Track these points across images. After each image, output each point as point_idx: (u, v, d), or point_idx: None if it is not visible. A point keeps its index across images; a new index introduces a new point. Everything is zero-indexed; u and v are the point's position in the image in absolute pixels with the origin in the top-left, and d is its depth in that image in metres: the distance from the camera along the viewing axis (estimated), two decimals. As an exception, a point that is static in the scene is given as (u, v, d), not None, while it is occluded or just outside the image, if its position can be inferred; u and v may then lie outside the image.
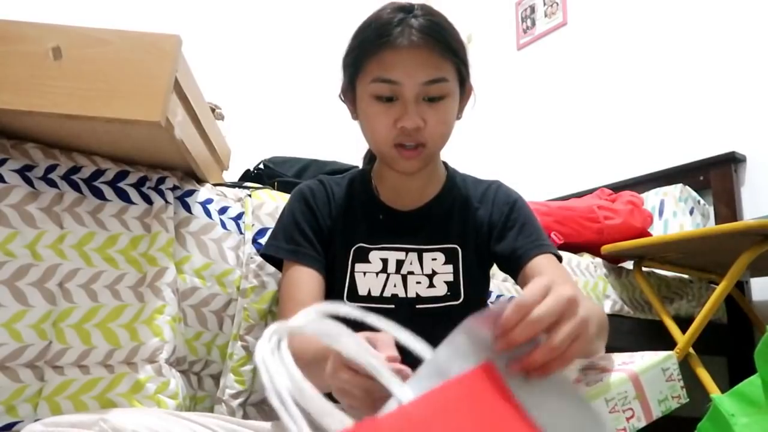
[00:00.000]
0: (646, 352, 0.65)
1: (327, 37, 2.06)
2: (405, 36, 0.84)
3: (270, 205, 1.10)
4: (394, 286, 0.92)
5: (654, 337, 1.54)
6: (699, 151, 2.01)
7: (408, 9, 0.87)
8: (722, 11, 2.07)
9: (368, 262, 0.92)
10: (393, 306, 0.91)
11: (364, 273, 0.91)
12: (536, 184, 2.45)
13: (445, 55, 0.86)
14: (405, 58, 0.84)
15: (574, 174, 2.44)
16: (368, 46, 0.87)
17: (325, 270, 0.93)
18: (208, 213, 1.02)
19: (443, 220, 0.96)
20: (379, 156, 0.97)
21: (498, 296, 1.25)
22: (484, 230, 0.97)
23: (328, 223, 0.96)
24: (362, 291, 0.91)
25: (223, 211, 1.05)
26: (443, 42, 0.86)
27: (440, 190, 0.98)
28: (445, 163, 1.03)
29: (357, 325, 0.47)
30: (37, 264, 0.84)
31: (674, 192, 1.96)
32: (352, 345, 0.45)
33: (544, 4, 2.80)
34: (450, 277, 0.92)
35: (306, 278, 0.90)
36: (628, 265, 1.66)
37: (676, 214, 1.92)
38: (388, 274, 0.92)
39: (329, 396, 0.48)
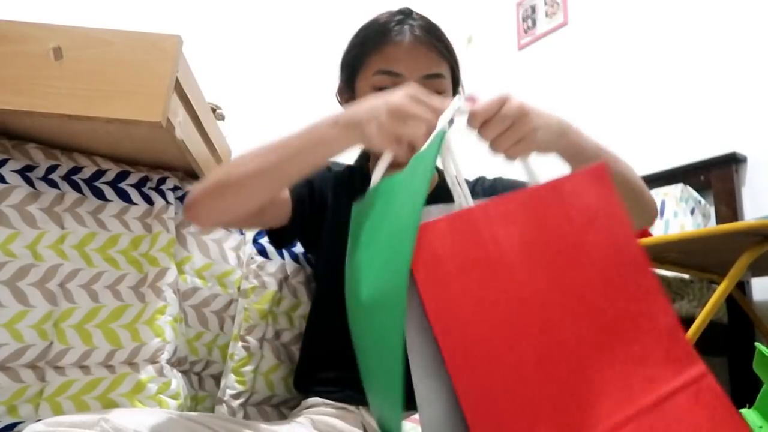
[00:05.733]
0: None
1: (327, 37, 2.06)
2: (406, 33, 0.90)
3: (271, 205, 1.10)
4: None
5: (655, 337, 1.54)
6: (700, 152, 2.00)
7: (407, 12, 0.94)
8: (722, 11, 2.06)
9: None
10: None
11: None
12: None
13: (443, 53, 0.92)
14: (407, 52, 0.90)
15: (575, 174, 2.44)
16: (371, 42, 0.92)
17: (301, 216, 0.93)
18: (208, 213, 1.02)
19: None
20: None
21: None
22: None
23: (329, 204, 0.97)
24: None
25: (223, 211, 1.05)
26: (441, 42, 0.92)
27: (433, 188, 0.99)
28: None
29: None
30: (37, 264, 0.84)
31: (675, 192, 1.95)
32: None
33: (545, 4, 2.80)
34: None
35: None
36: (629, 265, 1.66)
37: (676, 214, 1.92)
38: None
39: None
